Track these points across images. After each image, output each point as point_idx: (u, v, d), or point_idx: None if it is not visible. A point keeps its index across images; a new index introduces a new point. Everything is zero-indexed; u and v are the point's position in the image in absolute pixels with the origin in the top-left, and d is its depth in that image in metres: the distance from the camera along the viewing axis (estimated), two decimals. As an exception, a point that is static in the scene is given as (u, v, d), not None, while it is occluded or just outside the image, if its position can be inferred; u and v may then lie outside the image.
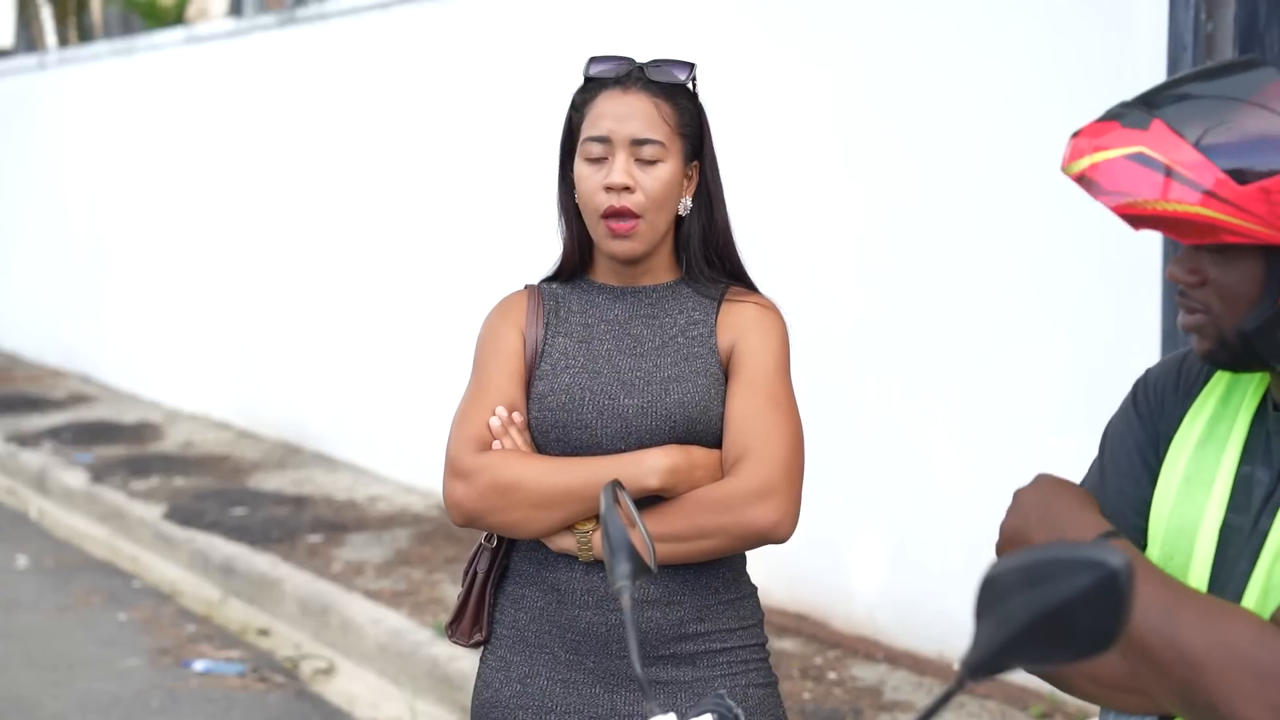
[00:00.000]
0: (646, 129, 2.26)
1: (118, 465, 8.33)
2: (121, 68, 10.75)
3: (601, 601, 2.25)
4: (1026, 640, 1.30)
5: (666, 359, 2.28)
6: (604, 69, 2.31)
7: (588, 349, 2.31)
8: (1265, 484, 1.64)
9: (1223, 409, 1.72)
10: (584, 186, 2.28)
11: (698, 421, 2.24)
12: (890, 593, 5.00)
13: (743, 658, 2.30)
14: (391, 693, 5.29)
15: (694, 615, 2.27)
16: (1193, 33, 3.80)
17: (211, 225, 9.54)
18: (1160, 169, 1.54)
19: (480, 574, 2.38)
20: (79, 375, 11.60)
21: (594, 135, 2.27)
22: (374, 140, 7.89)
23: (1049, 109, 4.47)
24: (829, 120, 5.24)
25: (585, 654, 2.27)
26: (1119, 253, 4.18)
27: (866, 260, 5.10)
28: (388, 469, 7.88)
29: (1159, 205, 1.54)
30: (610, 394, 2.26)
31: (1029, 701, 4.50)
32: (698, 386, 2.26)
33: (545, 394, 2.28)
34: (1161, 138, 1.55)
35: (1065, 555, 1.30)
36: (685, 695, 2.25)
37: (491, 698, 2.33)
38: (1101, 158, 1.58)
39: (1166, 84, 1.63)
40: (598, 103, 2.29)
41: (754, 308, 2.33)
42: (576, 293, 2.38)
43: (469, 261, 7.19)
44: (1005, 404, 4.70)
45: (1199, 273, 1.63)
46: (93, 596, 6.47)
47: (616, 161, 2.25)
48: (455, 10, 7.25)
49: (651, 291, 2.35)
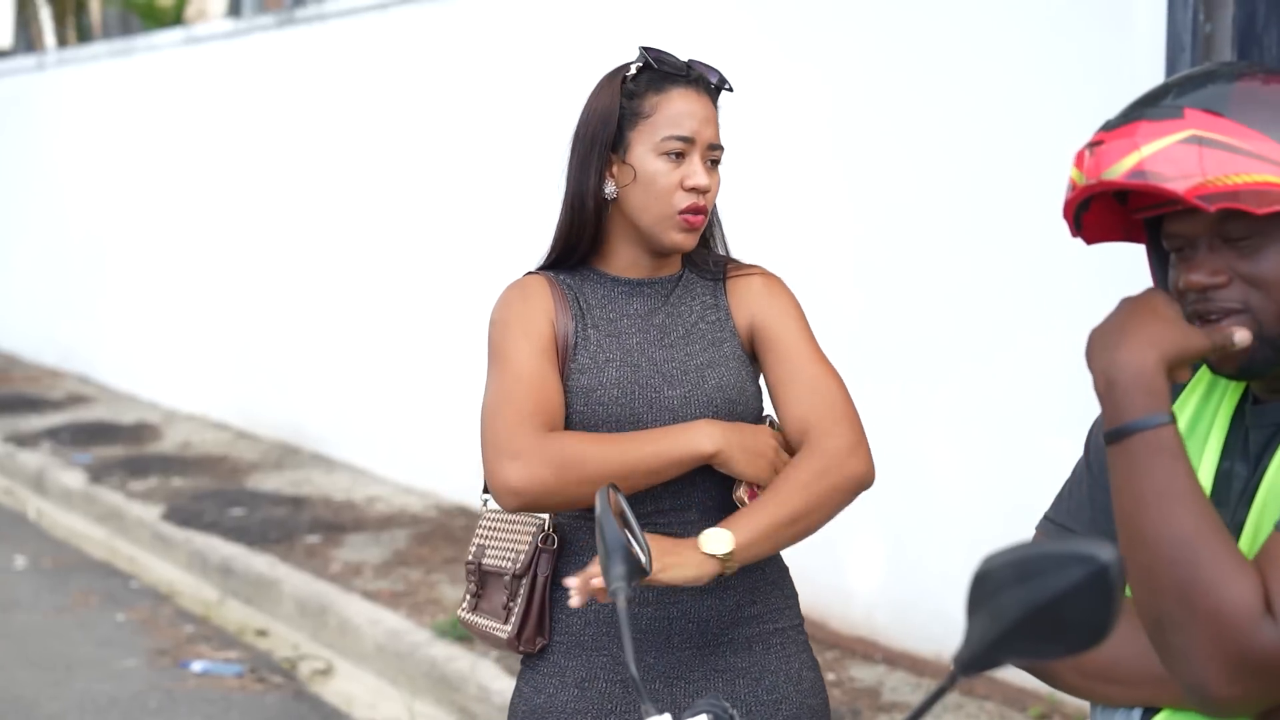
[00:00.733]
0: (717, 135, 2.31)
1: (116, 466, 8.33)
2: (120, 68, 10.75)
3: (662, 596, 2.27)
4: (1018, 635, 1.31)
5: (695, 347, 2.32)
6: (675, 66, 2.29)
7: (619, 343, 2.31)
8: (1243, 477, 1.64)
9: (1203, 406, 1.72)
10: (661, 182, 2.26)
11: (736, 403, 2.30)
12: (888, 593, 5.00)
13: (793, 638, 2.36)
14: (389, 693, 5.29)
15: (747, 598, 2.32)
16: (1191, 33, 3.80)
17: (210, 226, 9.54)
18: (1221, 146, 1.54)
19: (542, 578, 2.33)
20: (77, 375, 11.60)
21: (678, 134, 2.26)
22: (372, 141, 7.89)
23: (1046, 109, 4.47)
24: (825, 120, 5.24)
25: (645, 651, 2.28)
26: (1117, 251, 4.17)
27: (864, 260, 5.10)
28: (386, 470, 7.88)
29: (1232, 180, 1.53)
30: (654, 386, 2.28)
31: (1027, 703, 4.50)
32: (730, 370, 2.31)
33: (593, 388, 2.27)
34: (1204, 120, 1.56)
35: (1056, 550, 1.31)
36: (743, 682, 2.29)
37: (545, 703, 2.31)
38: (1152, 149, 1.56)
39: (1173, 82, 1.63)
40: (673, 99, 2.27)
41: (758, 280, 2.38)
42: (590, 284, 2.36)
43: (467, 262, 7.19)
44: (1003, 404, 4.69)
45: (1224, 271, 1.61)
46: (91, 597, 6.47)
47: (695, 163, 2.27)
48: (453, 11, 7.25)
49: (665, 283, 2.37)
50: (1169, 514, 1.52)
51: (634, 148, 2.28)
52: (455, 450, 7.16)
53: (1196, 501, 1.52)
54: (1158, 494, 1.53)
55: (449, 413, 7.25)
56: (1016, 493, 4.60)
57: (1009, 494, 4.62)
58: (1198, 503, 1.52)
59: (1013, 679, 4.53)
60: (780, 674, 2.32)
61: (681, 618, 2.28)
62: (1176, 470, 1.53)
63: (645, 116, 2.28)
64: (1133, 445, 1.55)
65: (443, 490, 7.38)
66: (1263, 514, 1.59)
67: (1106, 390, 1.58)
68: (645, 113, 2.28)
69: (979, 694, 4.61)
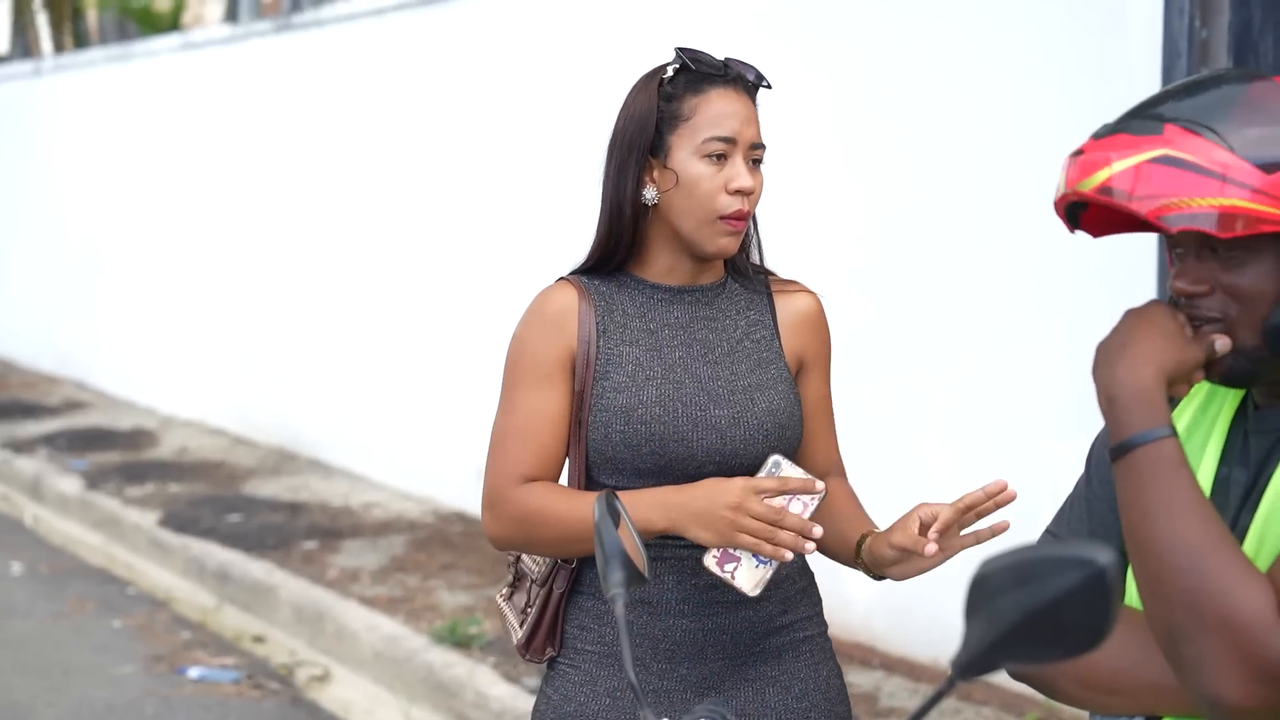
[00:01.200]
0: (759, 134, 2.26)
1: (112, 472, 8.33)
2: (117, 74, 10.75)
3: (698, 609, 2.25)
4: (1016, 639, 1.31)
5: (742, 366, 2.28)
6: (712, 67, 2.24)
7: (660, 357, 2.25)
8: (1242, 483, 1.65)
9: (1200, 417, 1.73)
10: (705, 186, 2.20)
11: (786, 428, 2.27)
12: (885, 599, 5.00)
13: (821, 645, 2.36)
14: (387, 699, 5.28)
15: (780, 608, 2.31)
16: (1187, 39, 3.80)
17: (207, 232, 9.54)
18: (1190, 167, 1.55)
19: (558, 592, 2.32)
20: (74, 382, 11.59)
21: (719, 135, 2.20)
22: (369, 147, 7.89)
23: (1044, 115, 4.47)
24: (826, 124, 5.24)
25: (679, 662, 2.26)
26: (1115, 256, 4.18)
27: (862, 264, 5.10)
28: (383, 475, 7.88)
29: (1193, 203, 1.55)
30: (700, 405, 2.23)
31: (1025, 708, 4.50)
32: (779, 393, 2.28)
33: (633, 407, 2.21)
34: (1181, 138, 1.57)
35: (1054, 554, 1.31)
36: (773, 690, 2.28)
37: (575, 711, 2.29)
38: (1119, 167, 1.58)
39: (1161, 95, 1.65)
40: (713, 100, 2.22)
41: (811, 305, 2.38)
42: (626, 292, 2.29)
43: (463, 268, 7.19)
44: (1002, 409, 4.69)
45: (1207, 281, 1.63)
46: (87, 603, 6.46)
47: (738, 164, 2.22)
48: (451, 16, 7.26)
49: (707, 291, 2.31)
50: (1175, 524, 1.52)
51: (675, 152, 2.22)
52: (452, 456, 7.16)
53: (1202, 511, 1.53)
54: (1162, 505, 1.54)
55: (446, 418, 7.25)
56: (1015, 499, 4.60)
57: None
58: (1203, 512, 1.53)
59: (1010, 685, 4.52)
60: (810, 681, 2.31)
61: (716, 630, 2.26)
62: (1180, 481, 1.54)
63: (685, 119, 2.22)
64: (1135, 459, 1.56)
65: (440, 496, 7.38)
66: (1268, 521, 1.59)
67: (1108, 407, 1.60)
68: (685, 115, 2.22)
69: (976, 699, 4.60)
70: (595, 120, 6.86)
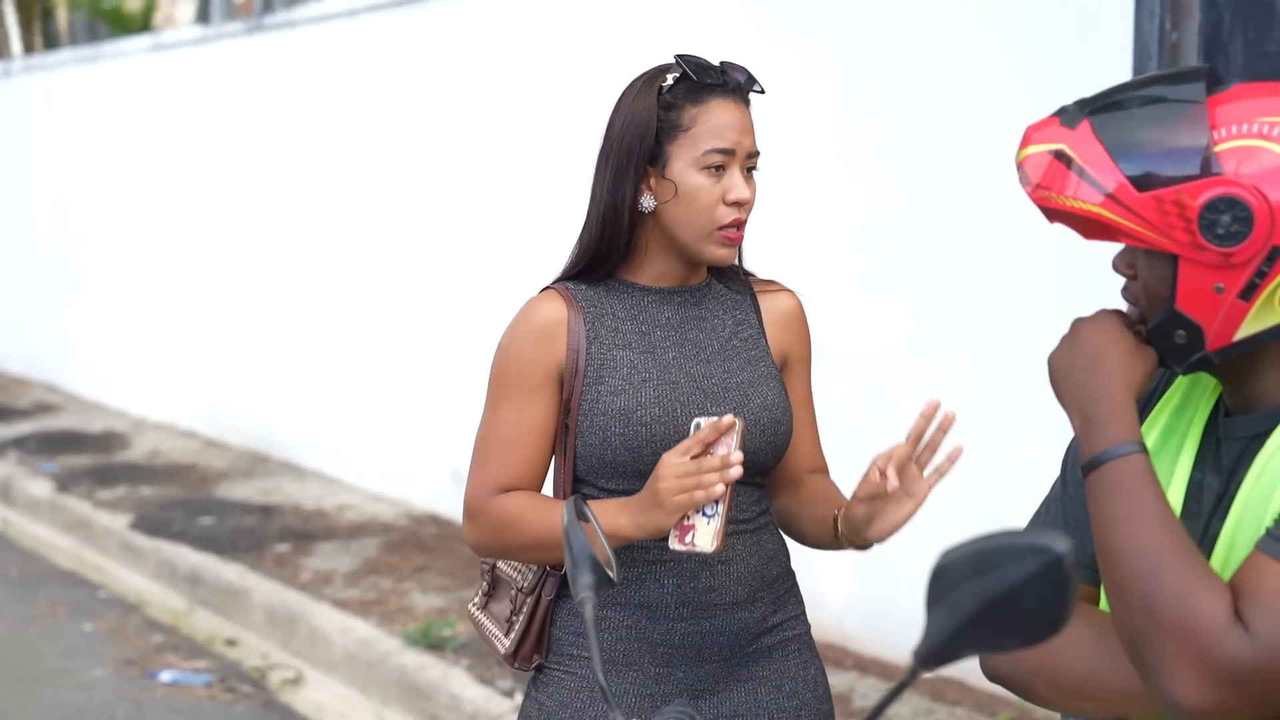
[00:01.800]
0: (755, 142, 2.27)
1: (83, 475, 8.29)
2: (88, 75, 10.71)
3: (695, 612, 2.26)
4: (976, 627, 1.33)
5: (733, 364, 2.30)
6: (713, 76, 2.23)
7: (654, 359, 2.26)
8: (1215, 489, 1.67)
9: (1175, 421, 1.75)
10: (704, 197, 2.20)
11: (780, 423, 2.29)
12: (859, 600, 5.01)
13: (807, 644, 2.38)
14: (359, 702, 5.27)
15: (771, 607, 2.33)
16: (1158, 42, 3.82)
17: (178, 233, 9.51)
18: (1073, 167, 1.61)
19: (546, 599, 2.32)
20: (44, 384, 11.54)
21: (719, 147, 2.20)
22: (342, 149, 7.87)
23: (1013, 118, 4.47)
24: (795, 129, 5.25)
25: (676, 665, 2.27)
26: (1083, 257, 4.19)
27: (832, 267, 5.11)
28: (356, 478, 7.86)
29: (1065, 201, 1.62)
30: (697, 404, 2.24)
31: (997, 708, 4.51)
32: (772, 389, 2.30)
33: (632, 409, 2.21)
34: (1083, 138, 1.62)
35: (1011, 543, 1.33)
36: (765, 690, 2.30)
37: (573, 717, 2.29)
38: (1032, 150, 1.65)
39: (1115, 89, 1.69)
40: (713, 110, 2.21)
41: (792, 304, 2.41)
42: (615, 295, 2.29)
43: (436, 270, 7.18)
44: (971, 412, 4.70)
45: (1133, 267, 1.68)
46: (58, 607, 6.43)
47: (736, 175, 2.22)
48: (424, 18, 7.25)
49: (694, 291, 2.32)
50: (1136, 532, 1.56)
51: (674, 162, 2.21)
52: (426, 458, 7.14)
53: (1163, 520, 1.56)
54: (1126, 515, 1.57)
55: (420, 421, 7.24)
56: (986, 499, 4.62)
57: (978, 500, 4.63)
58: (1164, 521, 1.56)
59: (983, 685, 4.54)
60: (799, 680, 2.34)
61: (714, 632, 2.27)
62: (1145, 493, 1.58)
63: (684, 129, 2.21)
64: (1106, 473, 1.60)
65: (413, 498, 7.37)
66: (1237, 529, 1.61)
67: (1083, 427, 1.64)
68: (684, 125, 2.21)
69: (949, 699, 4.62)
70: (574, 121, 6.91)
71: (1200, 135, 1.57)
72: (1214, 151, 1.56)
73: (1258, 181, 1.54)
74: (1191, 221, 1.56)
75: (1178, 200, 1.56)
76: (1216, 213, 1.55)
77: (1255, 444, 1.63)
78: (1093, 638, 1.66)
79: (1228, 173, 1.55)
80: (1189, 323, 1.61)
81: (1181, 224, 1.56)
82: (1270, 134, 1.56)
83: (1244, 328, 1.59)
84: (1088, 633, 1.66)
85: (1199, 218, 1.56)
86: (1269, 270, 1.56)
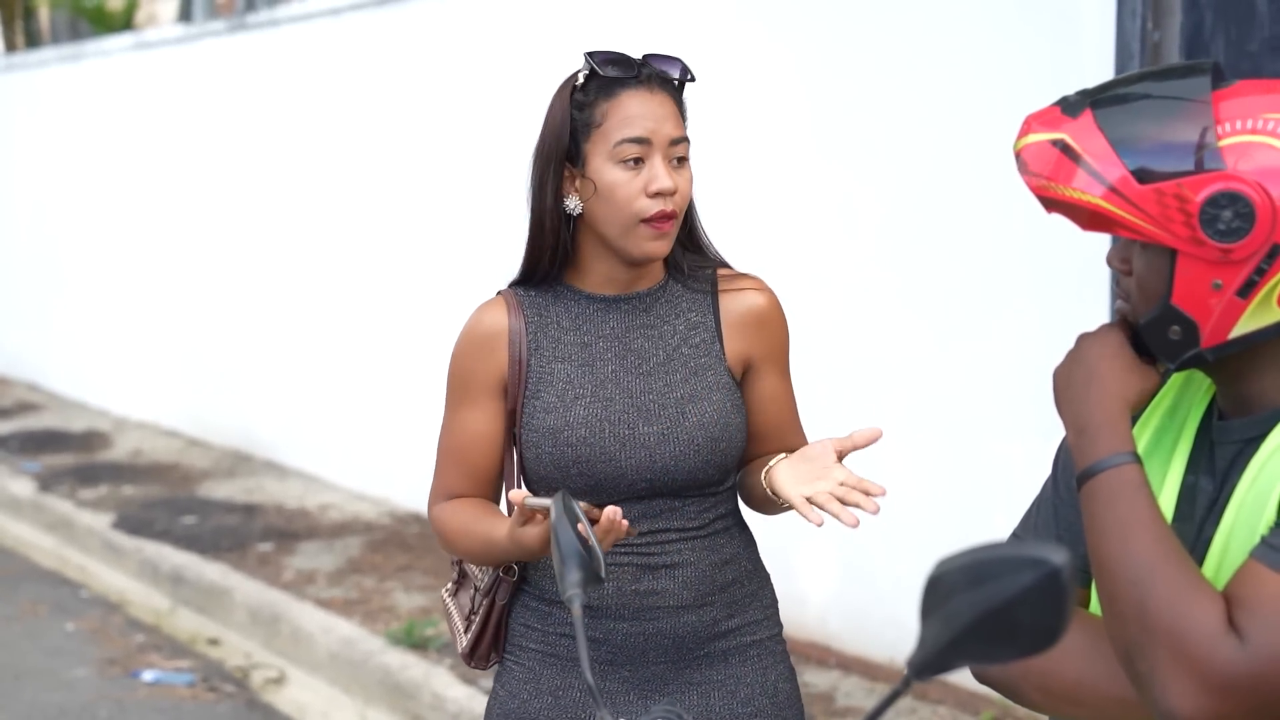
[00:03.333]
0: (678, 128, 2.21)
1: (65, 474, 8.26)
2: (70, 74, 10.67)
3: (638, 613, 2.25)
4: (971, 639, 1.32)
5: (676, 376, 2.25)
6: (621, 69, 2.19)
7: (591, 373, 2.23)
8: (1209, 492, 1.66)
9: (1168, 421, 1.75)
10: (622, 192, 2.16)
11: (720, 440, 2.24)
12: (842, 599, 5.02)
13: (770, 649, 2.33)
14: (343, 702, 5.27)
15: (725, 613, 2.29)
16: (1140, 41, 3.84)
17: (160, 232, 9.48)
18: (1074, 158, 1.60)
19: (500, 604, 2.34)
20: (25, 383, 11.50)
21: (631, 137, 2.16)
22: (323, 147, 7.86)
23: (995, 116, 4.49)
24: (771, 125, 5.25)
25: (620, 664, 2.26)
26: (1067, 254, 4.21)
27: (812, 265, 5.11)
28: (338, 477, 7.85)
29: (1065, 191, 1.60)
30: (628, 422, 2.21)
31: (980, 707, 4.52)
32: (713, 404, 2.24)
33: (560, 429, 2.20)
34: (1085, 129, 1.61)
35: (1008, 554, 1.32)
36: (718, 695, 2.27)
37: (519, 709, 2.30)
38: (1032, 139, 1.64)
39: (1117, 80, 1.68)
40: (623, 102, 2.17)
41: (754, 298, 2.33)
42: (561, 303, 2.27)
43: (418, 268, 7.17)
44: (954, 410, 4.72)
45: (1128, 262, 1.67)
46: (40, 606, 6.41)
47: (657, 165, 2.17)
48: (406, 17, 7.24)
49: (645, 297, 2.28)
50: (1128, 541, 1.56)
51: (591, 159, 2.18)
52: (408, 457, 7.13)
53: (1155, 529, 1.56)
54: (1118, 524, 1.57)
55: (402, 419, 7.23)
56: (968, 498, 4.63)
57: (960, 499, 4.64)
58: (1156, 530, 1.56)
59: (966, 684, 4.55)
60: (756, 686, 2.29)
61: (657, 634, 2.25)
62: (1137, 502, 1.58)
63: (597, 125, 2.18)
64: (1099, 483, 1.60)
65: (396, 497, 7.36)
66: (1231, 534, 1.61)
67: (1077, 439, 1.64)
68: (596, 121, 2.18)
69: (932, 698, 4.63)
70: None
71: (1204, 130, 1.56)
72: (1217, 147, 1.55)
73: (1260, 178, 1.54)
74: (1192, 216, 1.55)
75: (1179, 194, 1.55)
76: (1218, 208, 1.54)
77: (1249, 448, 1.62)
78: (1084, 643, 1.66)
79: (1230, 168, 1.54)
80: (1184, 318, 1.60)
81: (1182, 218, 1.55)
82: (1274, 130, 1.55)
83: (1240, 325, 1.58)
84: (1079, 638, 1.66)
85: (1200, 212, 1.55)
86: (1268, 268, 1.55)
